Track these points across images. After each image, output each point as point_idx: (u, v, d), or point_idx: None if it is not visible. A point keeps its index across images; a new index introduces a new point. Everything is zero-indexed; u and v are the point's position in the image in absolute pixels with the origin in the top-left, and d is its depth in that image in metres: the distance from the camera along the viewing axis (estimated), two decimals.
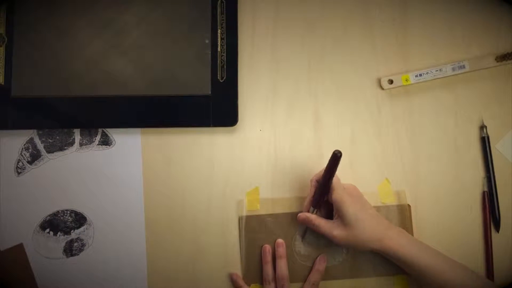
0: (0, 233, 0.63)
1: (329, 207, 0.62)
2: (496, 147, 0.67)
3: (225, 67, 0.64)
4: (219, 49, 0.65)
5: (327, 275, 0.64)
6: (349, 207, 0.58)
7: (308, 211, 0.62)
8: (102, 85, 0.64)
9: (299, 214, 0.62)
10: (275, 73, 0.67)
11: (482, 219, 0.66)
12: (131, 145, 0.65)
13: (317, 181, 0.61)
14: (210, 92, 0.64)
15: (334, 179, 0.60)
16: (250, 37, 0.67)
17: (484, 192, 0.66)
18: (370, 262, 0.64)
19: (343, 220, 0.58)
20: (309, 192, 0.62)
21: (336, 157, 0.58)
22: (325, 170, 0.60)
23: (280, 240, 0.64)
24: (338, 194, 0.59)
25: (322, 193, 0.61)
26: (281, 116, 0.66)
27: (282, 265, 0.63)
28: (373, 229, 0.58)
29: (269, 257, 0.63)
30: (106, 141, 0.65)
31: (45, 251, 0.64)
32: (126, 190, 0.65)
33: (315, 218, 0.61)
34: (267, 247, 0.63)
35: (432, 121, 0.67)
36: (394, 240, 0.58)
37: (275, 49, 0.67)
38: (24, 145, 0.65)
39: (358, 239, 0.58)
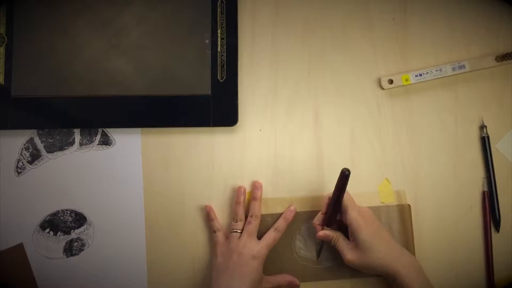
0: (0, 233, 0.63)
1: (342, 224, 0.62)
2: (496, 147, 0.67)
3: (225, 67, 0.64)
4: (219, 49, 0.65)
5: (327, 275, 0.64)
6: (363, 233, 0.58)
7: (322, 226, 0.61)
8: (102, 85, 0.64)
9: (318, 233, 0.61)
10: (275, 73, 0.67)
11: (482, 219, 0.66)
12: (131, 145, 0.65)
13: (329, 197, 0.61)
14: (210, 92, 0.64)
15: (348, 199, 0.60)
16: (250, 37, 0.67)
17: (484, 192, 0.66)
18: None
19: (357, 245, 0.58)
20: (321, 210, 0.62)
21: (344, 176, 0.57)
22: (335, 188, 0.59)
23: (258, 182, 0.64)
24: (352, 218, 0.59)
25: (334, 211, 0.60)
26: (281, 116, 0.66)
27: (256, 205, 0.62)
28: (386, 256, 0.58)
29: (241, 198, 0.63)
30: (106, 141, 0.65)
31: (45, 251, 0.64)
32: (126, 190, 0.65)
33: (334, 236, 0.60)
34: (242, 188, 0.64)
35: (432, 121, 0.67)
36: (406, 268, 0.57)
37: (275, 49, 0.67)
38: (24, 145, 0.65)
39: (371, 265, 0.58)
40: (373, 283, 0.64)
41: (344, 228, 0.61)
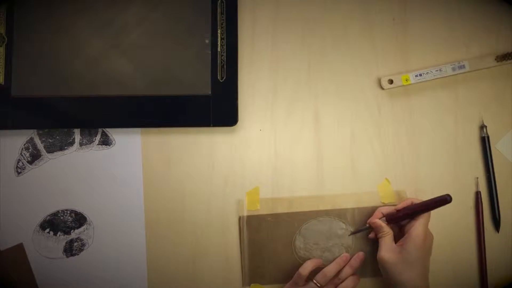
0: (0, 233, 0.63)
1: (398, 228, 0.62)
2: (496, 147, 0.67)
3: (225, 67, 0.64)
4: (219, 49, 0.65)
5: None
6: (416, 248, 0.58)
7: (383, 218, 0.62)
8: (102, 85, 0.64)
9: (376, 220, 0.61)
10: (275, 73, 0.67)
11: (475, 220, 0.66)
12: (131, 145, 0.65)
13: (411, 204, 0.61)
14: (210, 92, 0.64)
15: (426, 215, 0.60)
16: (250, 37, 0.67)
17: (477, 192, 0.66)
18: (370, 262, 0.64)
19: (401, 251, 0.58)
20: (398, 204, 0.62)
21: (444, 201, 0.58)
22: (425, 202, 0.59)
23: (360, 254, 0.63)
24: (418, 230, 0.58)
25: (406, 216, 0.60)
26: (281, 116, 0.66)
27: (349, 272, 0.62)
28: (415, 278, 0.57)
29: (342, 264, 0.63)
30: (106, 141, 0.65)
31: (45, 251, 0.64)
32: (126, 190, 0.65)
33: (387, 231, 0.60)
34: (347, 257, 0.63)
35: (432, 121, 0.67)
36: None
37: (275, 49, 0.67)
38: (24, 145, 0.65)
39: (397, 274, 0.58)
40: (373, 283, 0.64)
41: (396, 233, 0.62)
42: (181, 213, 0.65)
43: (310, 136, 0.66)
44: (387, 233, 0.60)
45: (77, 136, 0.65)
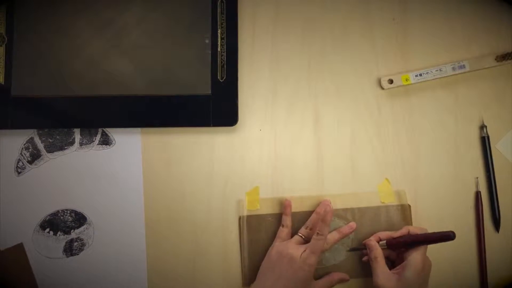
0: (0, 233, 0.63)
1: (394, 255, 0.62)
2: (496, 147, 0.67)
3: (225, 67, 0.64)
4: (219, 49, 0.65)
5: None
6: (414, 275, 0.57)
7: (379, 242, 0.62)
8: (102, 85, 0.64)
9: (371, 241, 0.61)
10: (275, 73, 0.67)
11: (475, 220, 0.66)
12: (131, 145, 0.65)
13: (413, 235, 0.60)
14: (210, 92, 0.64)
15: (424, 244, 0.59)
16: (250, 37, 0.67)
17: (477, 192, 0.66)
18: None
19: (399, 279, 0.57)
20: (397, 232, 0.61)
21: (447, 238, 0.57)
22: (428, 235, 0.59)
23: (330, 208, 0.63)
24: (417, 257, 0.58)
25: (406, 244, 0.60)
26: (281, 116, 0.66)
27: (325, 228, 0.59)
28: None
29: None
30: (106, 141, 0.65)
31: (45, 251, 0.64)
32: (126, 190, 0.65)
33: (379, 254, 0.60)
34: (327, 203, 0.63)
35: (432, 121, 0.67)
36: None
37: (275, 49, 0.67)
38: (24, 144, 0.65)
39: None
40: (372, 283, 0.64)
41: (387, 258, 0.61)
42: (181, 213, 0.65)
43: (310, 136, 0.66)
44: (380, 256, 0.60)
45: (77, 136, 0.65)
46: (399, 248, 0.61)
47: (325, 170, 0.66)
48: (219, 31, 0.65)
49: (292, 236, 0.63)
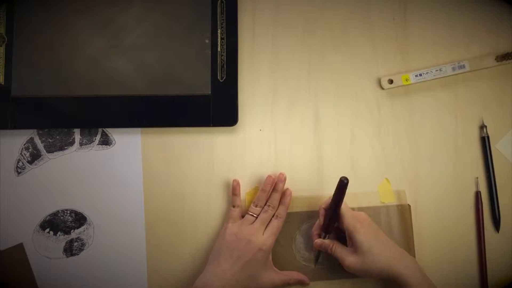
0: (0, 233, 0.63)
1: (340, 232, 0.62)
2: (496, 147, 0.67)
3: (225, 67, 0.64)
4: (219, 49, 0.65)
5: (327, 275, 0.64)
6: (361, 236, 0.58)
7: (320, 237, 0.62)
8: (102, 85, 0.64)
9: (315, 241, 0.62)
10: (275, 73, 0.67)
11: (475, 220, 0.66)
12: (131, 145, 0.65)
13: (325, 209, 0.61)
14: (210, 92, 0.64)
15: (342, 206, 0.60)
16: (250, 37, 0.67)
17: (477, 192, 0.66)
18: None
19: (356, 249, 0.58)
20: (318, 219, 0.62)
21: (343, 184, 0.58)
22: (333, 197, 0.60)
23: (283, 174, 0.64)
24: (349, 222, 0.59)
25: (332, 220, 0.60)
26: (281, 116, 0.66)
27: (275, 197, 0.62)
28: (386, 257, 0.57)
29: (268, 187, 0.63)
30: (106, 141, 0.65)
31: (45, 251, 0.64)
32: (126, 190, 0.65)
33: (330, 244, 0.61)
34: (272, 178, 0.63)
35: (432, 121, 0.67)
36: (408, 268, 0.57)
37: (275, 49, 0.67)
38: (24, 144, 0.65)
39: (371, 268, 0.57)
40: (373, 283, 0.64)
41: (342, 237, 0.61)
42: (181, 213, 0.65)
43: (310, 136, 0.66)
44: (332, 245, 0.60)
45: (77, 136, 0.65)
46: (332, 226, 0.61)
47: (325, 170, 0.66)
48: (219, 31, 0.65)
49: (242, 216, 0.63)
